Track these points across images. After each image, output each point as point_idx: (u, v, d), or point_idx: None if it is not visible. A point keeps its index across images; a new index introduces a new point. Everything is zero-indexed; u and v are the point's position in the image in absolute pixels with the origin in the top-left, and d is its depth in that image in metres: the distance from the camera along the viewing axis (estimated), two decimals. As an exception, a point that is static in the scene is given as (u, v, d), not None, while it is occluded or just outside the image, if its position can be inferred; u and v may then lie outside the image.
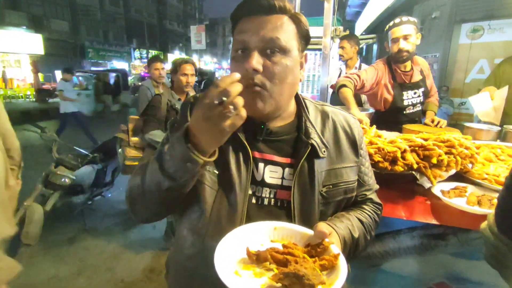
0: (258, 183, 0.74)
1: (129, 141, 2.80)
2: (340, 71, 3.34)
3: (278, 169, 0.75)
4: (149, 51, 28.30)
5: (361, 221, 0.78)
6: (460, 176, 1.22)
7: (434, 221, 1.04)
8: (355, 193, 0.82)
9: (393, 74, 2.12)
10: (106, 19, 24.29)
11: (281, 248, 0.61)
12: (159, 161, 0.63)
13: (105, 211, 3.48)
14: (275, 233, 0.68)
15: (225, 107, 0.53)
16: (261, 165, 0.74)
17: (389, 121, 2.14)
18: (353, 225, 0.75)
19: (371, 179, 0.87)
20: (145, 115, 2.46)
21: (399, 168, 1.11)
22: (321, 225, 0.66)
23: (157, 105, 2.38)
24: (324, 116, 0.81)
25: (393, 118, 2.16)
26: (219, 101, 0.53)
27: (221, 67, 42.34)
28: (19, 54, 16.47)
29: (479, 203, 1.01)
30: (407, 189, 1.19)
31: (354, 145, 0.81)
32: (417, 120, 2.23)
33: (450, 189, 1.11)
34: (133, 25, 27.22)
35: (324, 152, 0.75)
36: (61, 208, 2.88)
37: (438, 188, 1.12)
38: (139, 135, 2.65)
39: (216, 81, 0.55)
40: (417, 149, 1.16)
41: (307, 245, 0.64)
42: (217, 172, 0.72)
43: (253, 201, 0.74)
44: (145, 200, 0.70)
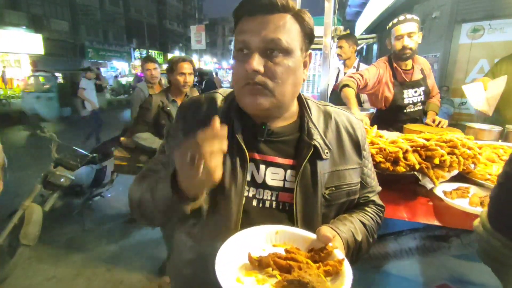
0: (259, 185, 0.73)
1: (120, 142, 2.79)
2: (338, 71, 3.35)
3: (279, 171, 0.73)
4: (149, 51, 28.26)
5: (363, 224, 0.77)
6: (462, 176, 1.21)
7: (436, 223, 1.03)
8: (357, 195, 0.80)
9: (394, 72, 2.13)
10: (106, 19, 24.26)
11: (284, 253, 0.60)
12: (153, 195, 0.68)
13: (104, 211, 3.48)
14: (276, 237, 0.66)
15: (196, 167, 0.53)
16: (262, 167, 0.73)
17: (390, 119, 2.16)
18: (356, 228, 0.74)
19: (373, 180, 0.86)
20: (136, 116, 2.41)
21: (401, 168, 1.10)
22: (324, 228, 0.65)
23: (147, 106, 2.29)
24: (326, 116, 0.80)
25: (393, 116, 2.17)
26: (190, 160, 0.53)
27: (221, 67, 42.29)
28: (19, 54, 16.45)
29: (481, 204, 1.00)
30: (409, 190, 1.18)
31: (357, 146, 0.79)
32: (418, 119, 2.23)
33: (452, 190, 1.10)
34: (133, 25, 27.19)
35: (327, 153, 0.73)
36: (60, 208, 2.86)
37: (440, 189, 1.11)
38: (128, 136, 2.61)
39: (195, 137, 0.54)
40: (419, 149, 1.15)
41: (310, 249, 0.63)
42: None
43: (254, 203, 0.72)
44: (147, 216, 0.75)
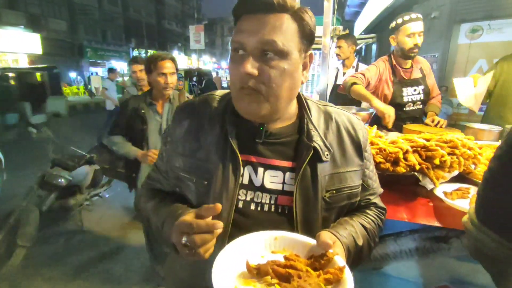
0: (257, 189, 0.71)
1: None
2: (337, 71, 3.35)
3: (278, 174, 0.72)
4: (148, 50, 28.21)
5: (365, 227, 0.75)
6: (463, 177, 1.20)
7: (436, 223, 1.02)
8: (358, 198, 0.79)
9: (393, 70, 2.15)
10: (104, 19, 24.22)
11: (283, 260, 0.59)
12: (154, 222, 0.76)
13: (102, 212, 3.45)
14: (275, 243, 0.64)
15: (188, 249, 0.58)
16: (260, 169, 0.71)
17: None
18: (357, 232, 0.72)
19: (375, 182, 0.84)
20: (114, 119, 2.26)
21: (401, 169, 1.09)
22: (324, 234, 0.63)
23: (122, 109, 2.12)
24: (327, 117, 0.78)
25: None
26: (184, 243, 0.58)
27: (220, 67, 42.29)
28: (17, 53, 16.40)
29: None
30: (409, 191, 1.16)
31: (358, 148, 0.77)
32: (417, 117, 2.24)
33: (452, 191, 1.09)
34: (131, 25, 27.14)
35: (327, 155, 0.71)
36: (58, 209, 2.84)
37: (440, 189, 1.10)
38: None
39: (192, 222, 0.58)
40: (419, 149, 1.14)
41: (310, 256, 0.61)
42: (206, 182, 0.71)
43: (252, 207, 0.71)
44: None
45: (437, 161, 1.08)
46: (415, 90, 2.16)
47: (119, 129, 2.09)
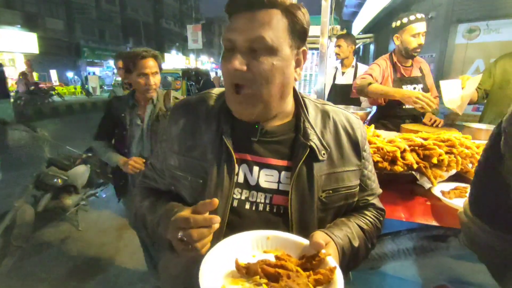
0: (252, 188, 0.70)
1: None
2: (336, 70, 3.35)
3: (274, 173, 0.70)
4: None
5: (362, 228, 0.74)
6: (460, 176, 1.20)
7: (434, 223, 1.01)
8: (356, 198, 0.77)
9: (394, 67, 2.17)
10: (101, 18, 24.13)
11: (274, 259, 0.58)
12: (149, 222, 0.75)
13: (99, 211, 3.43)
14: (268, 242, 0.63)
15: (184, 244, 0.58)
16: (255, 168, 0.70)
17: (389, 115, 2.21)
18: (353, 233, 0.71)
19: (374, 183, 0.83)
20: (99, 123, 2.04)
21: (399, 168, 1.08)
22: (317, 234, 0.62)
23: (105, 112, 1.93)
24: (324, 116, 0.76)
25: (392, 112, 2.20)
26: (180, 238, 0.57)
27: (219, 67, 42.23)
28: (13, 53, 16.31)
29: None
30: (407, 190, 1.16)
31: (356, 147, 0.76)
32: (416, 115, 2.26)
33: (450, 190, 1.08)
34: (129, 24, 27.07)
35: (323, 154, 0.70)
36: (54, 209, 2.82)
37: (438, 188, 1.09)
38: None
39: (189, 217, 0.57)
40: (417, 148, 1.14)
41: (302, 256, 0.60)
42: (201, 181, 0.70)
43: (247, 206, 0.70)
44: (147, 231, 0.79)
45: (434, 160, 1.08)
46: (414, 88, 2.17)
47: (103, 133, 1.93)
